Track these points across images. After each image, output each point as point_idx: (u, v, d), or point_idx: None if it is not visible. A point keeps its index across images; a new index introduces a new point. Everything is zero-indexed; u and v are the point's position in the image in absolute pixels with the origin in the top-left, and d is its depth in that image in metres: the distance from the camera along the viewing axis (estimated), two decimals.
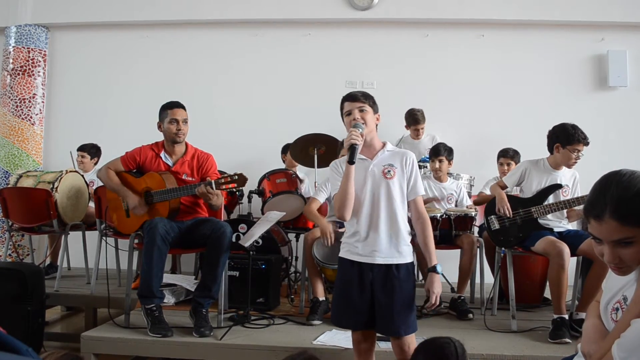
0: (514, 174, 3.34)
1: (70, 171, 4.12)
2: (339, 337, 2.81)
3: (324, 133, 4.08)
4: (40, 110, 5.47)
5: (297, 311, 3.39)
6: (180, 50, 5.44)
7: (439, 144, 3.87)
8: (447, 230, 3.47)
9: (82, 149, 4.81)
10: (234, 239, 3.11)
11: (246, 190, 4.08)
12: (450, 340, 1.85)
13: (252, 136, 5.23)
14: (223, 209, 3.36)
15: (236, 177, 2.83)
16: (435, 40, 5.20)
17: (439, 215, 3.46)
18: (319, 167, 4.08)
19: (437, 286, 2.10)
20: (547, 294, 3.44)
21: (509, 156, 4.25)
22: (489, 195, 3.71)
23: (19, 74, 5.37)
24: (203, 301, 2.91)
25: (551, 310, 2.97)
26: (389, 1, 5.08)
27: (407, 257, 2.11)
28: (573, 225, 3.46)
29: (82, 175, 4.26)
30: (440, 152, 3.77)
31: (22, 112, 5.36)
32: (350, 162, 2.03)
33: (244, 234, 3.59)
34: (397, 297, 2.05)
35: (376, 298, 2.06)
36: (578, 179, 3.29)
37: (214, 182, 2.85)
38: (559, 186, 3.20)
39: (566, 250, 2.87)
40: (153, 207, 3.05)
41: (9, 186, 4.12)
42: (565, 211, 3.21)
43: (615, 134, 4.88)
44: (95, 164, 4.79)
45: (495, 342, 2.77)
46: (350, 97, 2.17)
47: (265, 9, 5.20)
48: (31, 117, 5.39)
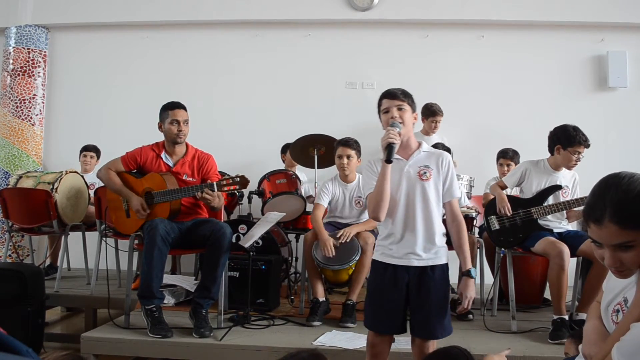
0: (514, 175, 3.34)
1: (70, 172, 4.12)
2: (339, 338, 2.81)
3: (324, 133, 4.08)
4: (40, 110, 5.47)
5: (297, 312, 3.39)
6: (180, 51, 5.43)
7: (437, 144, 3.88)
8: (447, 231, 3.45)
9: (87, 149, 4.81)
10: (234, 240, 3.11)
11: (246, 191, 4.08)
12: (460, 350, 1.78)
13: (252, 136, 5.23)
14: (223, 209, 3.37)
15: (238, 179, 2.83)
16: (435, 41, 5.20)
17: None
18: (318, 167, 4.08)
19: (470, 290, 2.09)
20: (547, 294, 3.44)
21: (508, 157, 4.25)
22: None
23: (19, 74, 5.37)
24: (203, 302, 2.91)
25: (551, 311, 2.98)
26: (388, 2, 5.08)
27: (442, 258, 2.08)
28: (573, 226, 3.46)
29: (82, 176, 4.26)
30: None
31: (22, 113, 5.35)
32: (388, 161, 1.98)
33: (244, 234, 3.59)
34: (433, 299, 2.02)
35: (412, 300, 2.04)
36: (578, 180, 3.30)
37: (215, 184, 2.85)
38: (559, 187, 3.20)
39: (566, 250, 2.87)
40: (154, 208, 3.05)
41: (9, 187, 4.12)
42: (565, 212, 3.21)
43: (615, 134, 4.88)
44: (96, 164, 4.79)
45: (495, 343, 2.78)
46: (389, 95, 2.10)
47: (266, 9, 5.20)
48: (31, 118, 5.39)
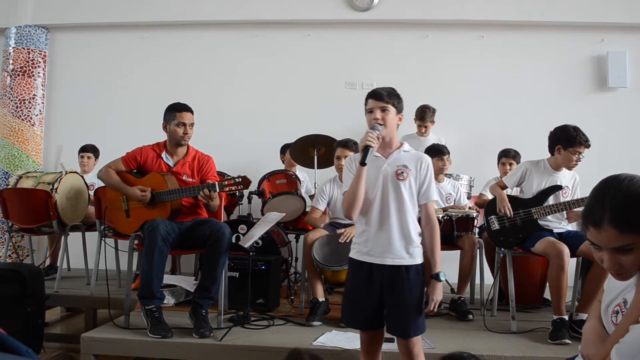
0: (514, 175, 3.34)
1: (70, 172, 4.12)
2: (338, 338, 2.81)
3: (323, 134, 4.08)
4: (40, 111, 5.47)
5: (296, 312, 3.39)
6: (180, 51, 5.44)
7: (434, 144, 3.91)
8: (448, 231, 3.46)
9: (84, 149, 4.81)
10: (233, 240, 3.11)
11: (246, 191, 4.07)
12: (470, 355, 1.74)
13: (252, 137, 5.22)
14: (223, 209, 3.37)
15: (239, 179, 2.83)
16: (435, 41, 5.20)
17: (440, 216, 3.46)
18: (318, 168, 4.08)
19: (438, 294, 2.09)
20: (547, 294, 3.44)
21: (510, 156, 4.25)
22: (489, 198, 3.71)
23: (19, 74, 5.37)
24: (203, 302, 2.91)
25: (551, 311, 2.97)
26: (389, 2, 5.09)
27: (417, 259, 2.08)
28: (573, 226, 3.46)
29: (82, 177, 4.26)
30: (444, 151, 3.80)
31: (22, 113, 5.35)
32: (362, 163, 2.00)
33: (243, 234, 3.59)
34: (407, 299, 2.03)
35: (386, 299, 2.05)
36: (578, 180, 3.30)
37: (217, 184, 2.85)
38: (559, 187, 3.20)
39: (566, 251, 2.87)
40: (154, 208, 3.05)
41: (9, 187, 4.12)
42: (565, 212, 3.21)
43: (615, 134, 4.88)
44: (95, 165, 4.79)
45: (495, 343, 2.77)
46: (374, 95, 2.11)
47: (266, 10, 5.20)
48: (31, 118, 5.39)
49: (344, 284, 2.31)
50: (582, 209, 1.30)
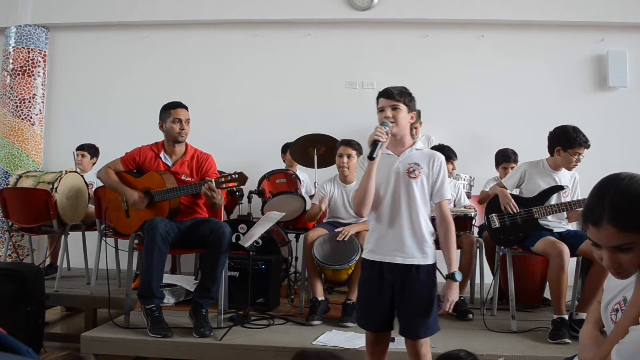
0: (513, 176, 3.34)
1: (70, 171, 4.12)
2: (338, 337, 2.81)
3: (324, 133, 4.08)
4: (40, 110, 5.47)
5: (297, 311, 3.39)
6: (180, 51, 5.43)
7: (435, 145, 3.92)
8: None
9: (80, 148, 4.82)
10: (233, 239, 3.11)
11: (246, 190, 4.09)
12: (467, 353, 1.72)
13: (252, 136, 5.22)
14: (223, 209, 3.37)
15: (236, 175, 2.83)
16: (435, 41, 5.20)
17: None
18: (319, 167, 4.08)
19: (453, 294, 2.07)
20: (547, 294, 3.44)
21: (511, 160, 4.19)
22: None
23: (18, 74, 5.37)
24: (203, 301, 2.91)
25: (551, 311, 2.98)
26: (389, 2, 5.08)
27: (429, 259, 2.06)
28: (573, 226, 3.46)
29: (82, 176, 4.26)
30: (451, 156, 3.89)
31: (22, 113, 5.35)
32: (370, 157, 1.98)
33: (243, 234, 3.59)
34: (417, 299, 2.02)
35: (396, 300, 2.04)
36: (578, 179, 3.29)
37: (214, 181, 2.85)
38: (561, 187, 3.18)
39: (566, 250, 2.87)
40: (153, 207, 3.05)
41: (9, 186, 4.12)
42: (565, 212, 3.21)
43: (615, 134, 4.87)
44: (94, 164, 4.79)
45: (495, 343, 2.78)
46: (385, 94, 2.11)
47: (265, 9, 5.20)
48: (31, 118, 5.39)
49: (357, 286, 2.31)
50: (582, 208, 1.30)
